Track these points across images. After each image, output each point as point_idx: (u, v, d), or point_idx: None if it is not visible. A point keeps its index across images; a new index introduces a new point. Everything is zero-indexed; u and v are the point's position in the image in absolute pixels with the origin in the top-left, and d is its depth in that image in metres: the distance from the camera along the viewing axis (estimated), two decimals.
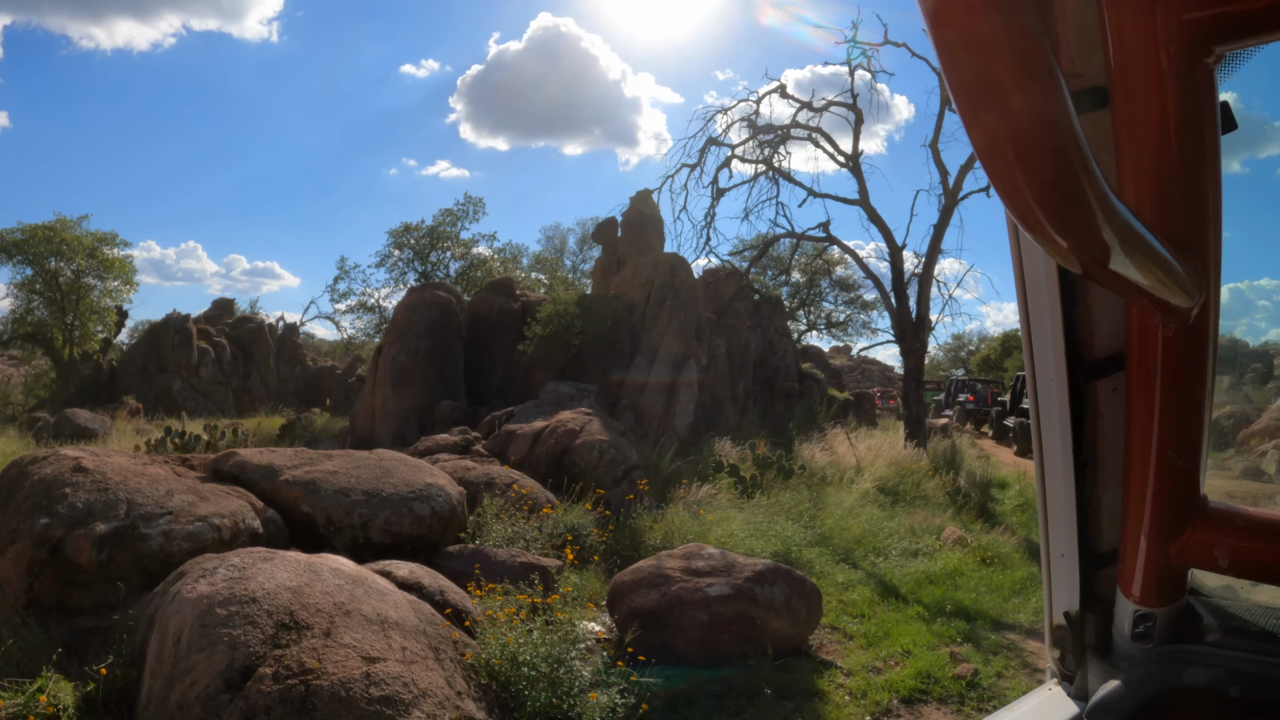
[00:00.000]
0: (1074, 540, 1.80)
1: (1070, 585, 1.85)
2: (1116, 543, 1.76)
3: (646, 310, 23.12)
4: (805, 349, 34.37)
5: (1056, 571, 1.87)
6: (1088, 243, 0.91)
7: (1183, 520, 1.63)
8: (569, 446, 13.85)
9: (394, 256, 42.68)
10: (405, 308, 25.02)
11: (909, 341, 21.79)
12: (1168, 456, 1.56)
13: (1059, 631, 1.90)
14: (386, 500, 8.85)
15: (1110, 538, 1.78)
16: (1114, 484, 1.73)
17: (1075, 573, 1.83)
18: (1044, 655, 6.39)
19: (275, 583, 6.00)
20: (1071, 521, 1.78)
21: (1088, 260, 0.93)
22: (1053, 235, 0.89)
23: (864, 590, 10.55)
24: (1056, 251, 0.91)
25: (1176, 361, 1.46)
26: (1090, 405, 1.68)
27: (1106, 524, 1.77)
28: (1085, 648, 1.86)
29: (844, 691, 7.73)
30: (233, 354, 41.58)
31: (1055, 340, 1.62)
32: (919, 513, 14.53)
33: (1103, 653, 1.84)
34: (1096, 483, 1.74)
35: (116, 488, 7.78)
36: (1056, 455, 1.76)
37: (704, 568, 8.18)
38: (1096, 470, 1.74)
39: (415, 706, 5.38)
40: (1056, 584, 1.88)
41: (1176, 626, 1.75)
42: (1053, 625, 1.92)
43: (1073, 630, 1.86)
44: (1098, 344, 1.62)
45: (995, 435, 31.46)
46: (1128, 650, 1.78)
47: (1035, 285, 1.61)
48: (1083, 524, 1.77)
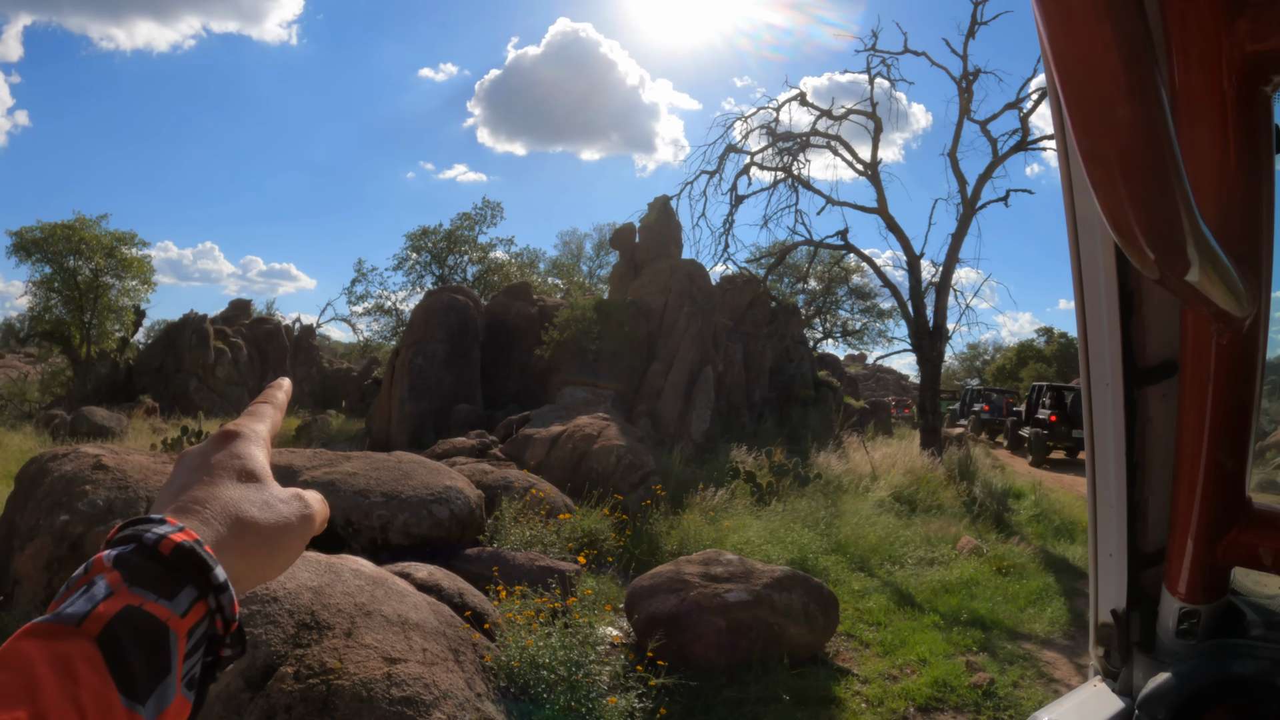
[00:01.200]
0: (1123, 541, 1.83)
1: (1118, 584, 1.88)
2: (1162, 543, 1.80)
3: (664, 316, 23.12)
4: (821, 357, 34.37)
5: (1104, 571, 1.90)
6: (1173, 256, 0.95)
7: (1229, 520, 1.66)
8: (586, 451, 13.85)
9: (411, 259, 42.84)
10: (422, 311, 25.08)
11: (925, 350, 21.72)
12: (1217, 459, 1.59)
13: (1104, 629, 1.92)
14: (405, 502, 8.86)
15: (1156, 538, 1.81)
16: (1161, 486, 1.76)
17: (1123, 572, 1.86)
18: (1059, 665, 6.36)
19: (296, 582, 6.01)
20: (1122, 522, 1.81)
21: (1169, 271, 0.97)
22: (1143, 246, 0.93)
23: (880, 598, 10.52)
24: (1142, 261, 0.95)
25: (1229, 368, 1.48)
26: (1141, 410, 1.71)
27: (1153, 525, 1.80)
28: (1130, 645, 1.89)
29: (860, 699, 7.71)
30: (249, 355, 41.70)
31: (1112, 348, 1.65)
32: (935, 522, 14.49)
33: (1147, 649, 1.87)
34: (1144, 485, 1.78)
35: (137, 485, 7.81)
36: (1109, 458, 1.78)
37: (722, 574, 8.16)
38: (1145, 473, 1.76)
39: (436, 708, 5.38)
40: (1104, 583, 1.91)
41: (1219, 623, 1.79)
42: (1098, 623, 1.95)
43: (1119, 627, 1.89)
44: (1150, 351, 1.65)
45: (1010, 445, 31.36)
46: (1172, 646, 1.82)
47: (1094, 295, 1.64)
48: (1130, 525, 1.80)
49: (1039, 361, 59.09)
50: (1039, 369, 56.88)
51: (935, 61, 25.11)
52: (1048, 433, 27.00)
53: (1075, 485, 21.63)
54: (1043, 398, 28.61)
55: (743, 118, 24.41)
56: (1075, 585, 11.89)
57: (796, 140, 22.94)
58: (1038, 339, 64.50)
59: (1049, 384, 29.60)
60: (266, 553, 0.75)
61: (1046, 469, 25.63)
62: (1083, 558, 13.31)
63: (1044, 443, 26.96)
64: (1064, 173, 1.53)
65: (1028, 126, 21.58)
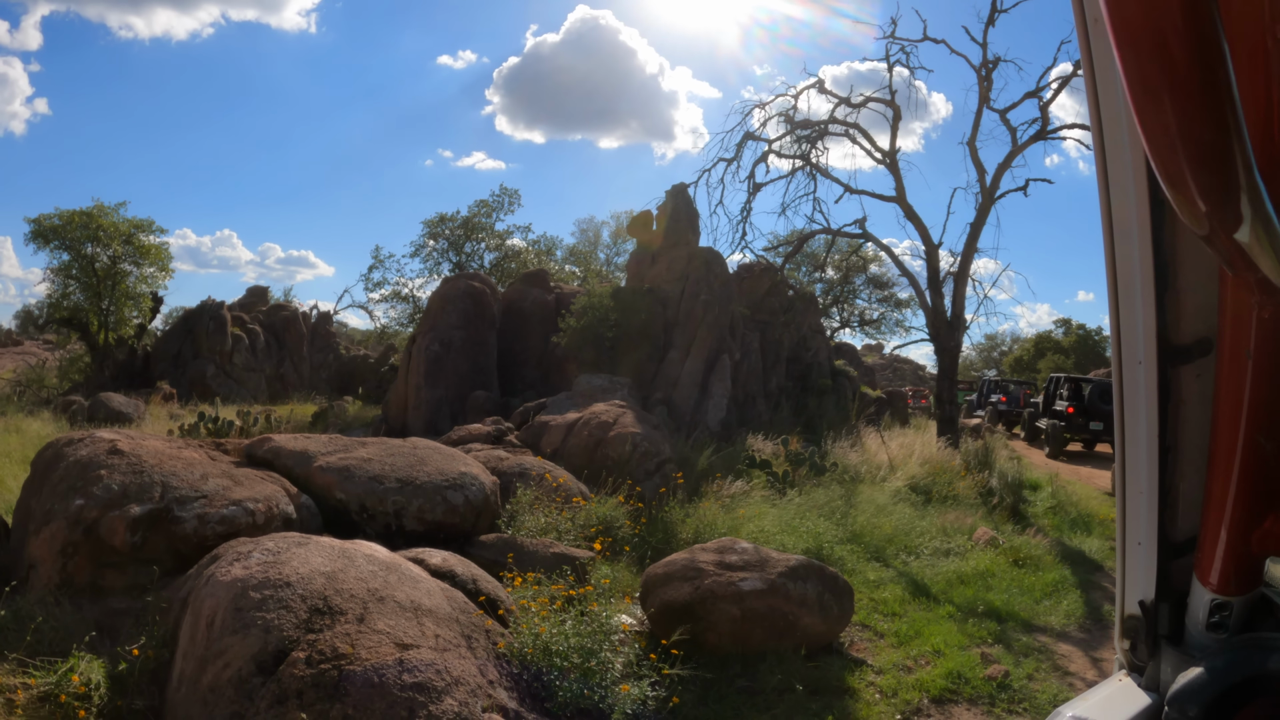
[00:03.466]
0: (1154, 529, 1.75)
1: (1146, 574, 1.80)
2: (1193, 531, 1.72)
3: (681, 304, 23.05)
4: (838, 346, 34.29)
5: (1132, 560, 1.83)
6: (1226, 210, 0.89)
7: (1265, 508, 1.58)
8: (602, 439, 13.82)
9: (429, 247, 42.84)
10: (439, 298, 25.08)
11: (943, 340, 21.61)
12: (1255, 441, 1.51)
13: (1131, 621, 1.85)
14: (420, 488, 8.84)
15: (1187, 526, 1.74)
16: (1193, 471, 1.69)
17: (1153, 562, 1.78)
18: (1075, 659, 6.29)
19: (309, 568, 5.99)
20: (1153, 509, 1.74)
21: (1219, 227, 0.91)
22: (1195, 197, 0.87)
23: (895, 589, 10.47)
24: (1192, 213, 0.89)
25: (1271, 344, 1.41)
26: (1174, 391, 1.63)
27: (1184, 512, 1.73)
28: (1159, 638, 1.82)
29: (874, 690, 7.67)
30: (266, 341, 41.82)
31: (1145, 324, 1.58)
32: (951, 512, 14.41)
33: (1176, 642, 1.80)
34: (1176, 470, 1.70)
35: (152, 470, 7.80)
36: (1139, 441, 1.71)
37: (737, 562, 8.12)
38: (1177, 457, 1.69)
39: (448, 694, 5.35)
40: (1131, 573, 1.83)
41: (1252, 616, 1.71)
42: (1125, 615, 1.87)
43: (1147, 620, 1.82)
44: (1185, 328, 1.58)
45: (1027, 437, 31.17)
46: (1203, 640, 1.75)
47: (1127, 268, 1.57)
48: (1160, 512, 1.72)
49: (1057, 353, 58.88)
50: (1057, 360, 56.66)
51: (955, 49, 24.94)
52: (1065, 424, 26.85)
53: (1092, 477, 21.53)
54: (1060, 389, 28.43)
55: (761, 105, 24.33)
56: (1091, 578, 11.83)
57: (815, 128, 22.80)
58: (1056, 330, 64.32)
59: (1067, 375, 29.40)
60: None
61: (1063, 461, 25.51)
62: (1099, 550, 13.24)
63: (1061, 434, 26.82)
64: (1096, 134, 1.46)
65: (1047, 116, 21.38)
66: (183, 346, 38.42)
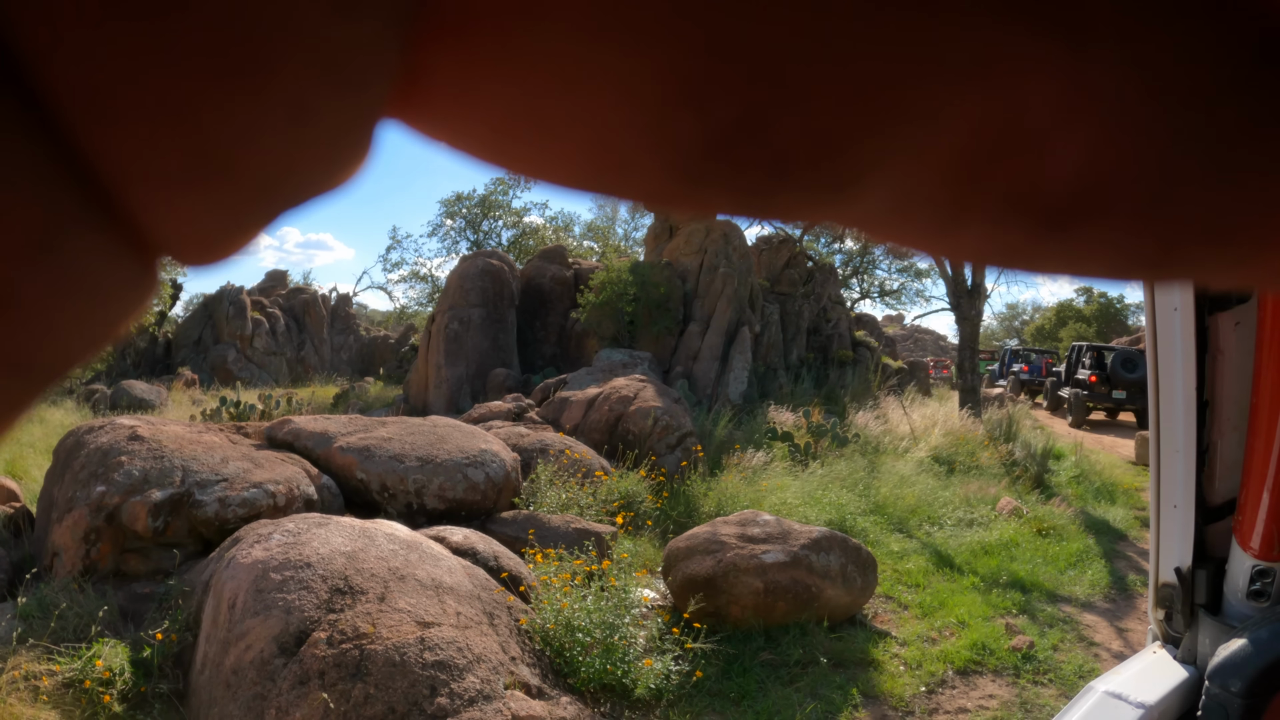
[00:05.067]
0: (1190, 491, 1.63)
1: (1183, 540, 1.68)
2: (1233, 493, 1.61)
3: (699, 277, 22.97)
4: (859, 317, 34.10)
5: (1167, 525, 1.70)
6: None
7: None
8: (622, 413, 13.77)
9: (446, 226, 42.85)
10: (457, 276, 25.04)
11: (964, 309, 21.48)
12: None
13: (1166, 590, 1.73)
14: (441, 466, 8.82)
15: (1225, 488, 1.62)
16: (1232, 430, 1.57)
17: (1190, 526, 1.66)
18: (1100, 629, 6.21)
19: (330, 548, 5.99)
20: (1189, 470, 1.62)
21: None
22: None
23: (919, 560, 10.42)
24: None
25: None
26: (1212, 340, 1.53)
27: (1223, 473, 1.62)
28: (1196, 607, 1.71)
29: (899, 661, 7.63)
30: (286, 325, 41.91)
31: None
32: (974, 483, 14.33)
33: (1214, 612, 1.69)
34: (1214, 427, 1.59)
35: (172, 455, 7.81)
36: (1175, 397, 1.58)
37: (759, 534, 8.08)
38: (1215, 413, 1.58)
39: (469, 671, 5.34)
40: (1166, 539, 1.71)
41: None
42: (1159, 584, 1.75)
43: (1183, 588, 1.69)
44: None
45: (1050, 406, 30.99)
46: (1243, 609, 1.63)
47: None
48: (1198, 473, 1.62)
49: (1078, 321, 58.46)
50: (1078, 329, 56.28)
51: None
52: (1088, 393, 26.71)
53: (1115, 446, 21.43)
54: (1082, 358, 28.26)
55: None
56: (1116, 547, 11.76)
57: None
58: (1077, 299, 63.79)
59: (1089, 344, 29.21)
60: None
61: (1086, 430, 25.39)
62: (1124, 520, 13.17)
63: (1084, 403, 26.69)
64: None
65: None
66: (203, 332, 38.55)
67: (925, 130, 0.19)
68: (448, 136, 0.22)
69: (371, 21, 0.18)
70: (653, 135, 0.20)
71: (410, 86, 0.21)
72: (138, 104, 0.17)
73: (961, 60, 0.18)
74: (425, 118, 0.21)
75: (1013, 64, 0.18)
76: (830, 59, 0.19)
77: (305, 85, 0.18)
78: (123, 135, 0.18)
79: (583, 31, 0.18)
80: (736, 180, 0.21)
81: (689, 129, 0.19)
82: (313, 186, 0.20)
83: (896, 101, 0.19)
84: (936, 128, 0.20)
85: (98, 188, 0.18)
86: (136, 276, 0.20)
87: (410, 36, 0.19)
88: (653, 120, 0.20)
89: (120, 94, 0.17)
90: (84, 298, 0.19)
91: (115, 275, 0.19)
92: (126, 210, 0.19)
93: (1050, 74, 0.19)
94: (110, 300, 0.20)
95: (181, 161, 0.18)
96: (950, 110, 0.19)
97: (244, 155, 0.18)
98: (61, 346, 0.19)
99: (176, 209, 0.19)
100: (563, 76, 0.19)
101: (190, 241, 0.20)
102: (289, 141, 0.19)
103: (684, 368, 21.33)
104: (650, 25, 0.18)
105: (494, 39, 0.19)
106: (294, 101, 0.18)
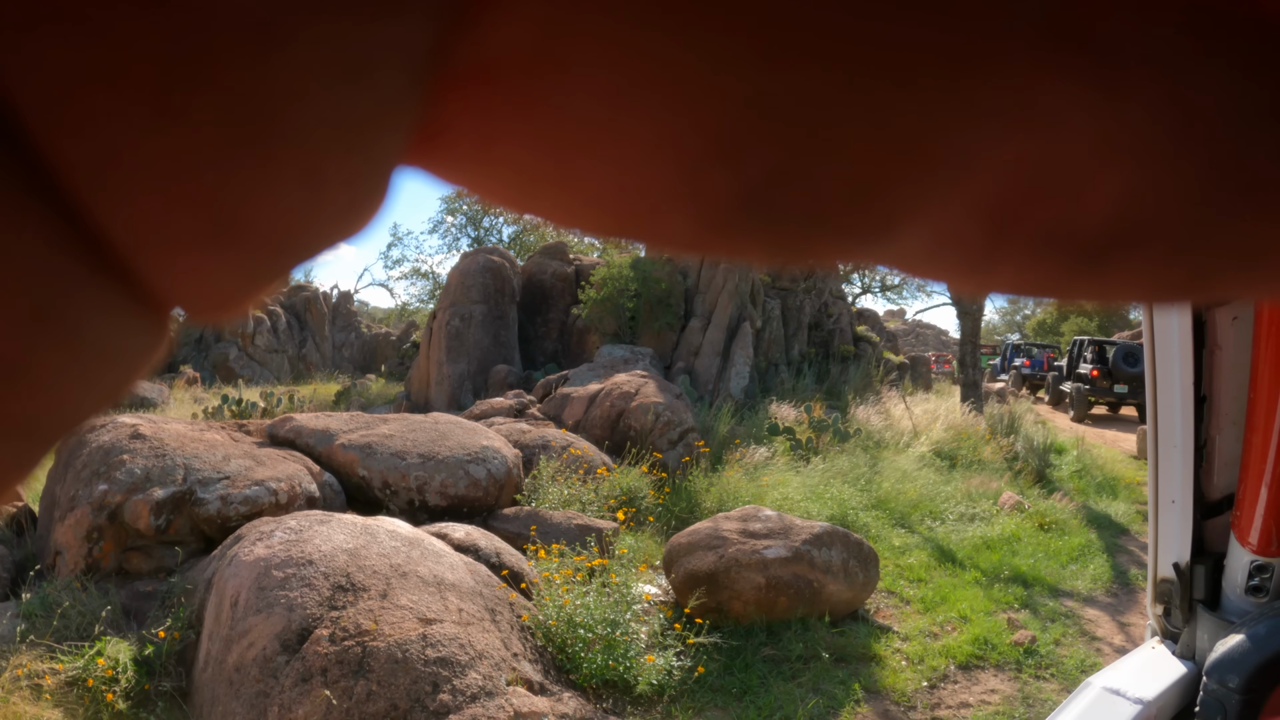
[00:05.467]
0: (1189, 486, 1.63)
1: (1181, 535, 1.68)
2: (1231, 488, 1.61)
3: (700, 273, 22.96)
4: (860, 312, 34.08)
5: (1165, 520, 1.70)
6: None
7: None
8: (624, 409, 13.78)
9: (446, 223, 42.90)
10: (458, 273, 25.01)
11: (965, 305, 21.47)
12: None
13: (1164, 585, 1.73)
14: (442, 463, 8.83)
15: (1223, 483, 1.62)
16: (1230, 425, 1.57)
17: (1188, 521, 1.66)
18: (1102, 623, 6.21)
19: (332, 545, 5.99)
20: (1187, 465, 1.62)
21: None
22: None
23: (921, 554, 10.42)
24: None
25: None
26: (1209, 335, 1.53)
27: (1221, 468, 1.62)
28: (1194, 602, 1.70)
29: (901, 656, 7.64)
30: (288, 322, 41.91)
31: None
32: (976, 477, 14.33)
33: (1213, 607, 1.68)
34: (1212, 422, 1.59)
35: (174, 453, 7.82)
36: (1173, 391, 1.58)
37: (761, 530, 8.08)
38: (1213, 408, 1.58)
39: (472, 668, 5.35)
40: (1164, 534, 1.71)
41: None
42: (1157, 579, 1.75)
43: (1181, 583, 1.69)
44: None
45: (1052, 401, 30.93)
46: (1242, 605, 1.63)
47: None
48: (1196, 468, 1.62)
49: (1080, 316, 58.39)
50: (1080, 323, 56.18)
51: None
52: (1089, 388, 26.69)
53: (1117, 441, 21.41)
54: (1084, 352, 28.22)
55: None
56: (1118, 541, 11.76)
57: None
58: None
59: (1091, 338, 29.16)
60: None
61: (1088, 424, 25.37)
62: (1126, 514, 13.16)
63: (1085, 398, 26.67)
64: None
65: None
66: (204, 331, 38.52)
67: (962, 176, 0.20)
68: (470, 184, 0.22)
69: (384, 85, 0.18)
70: (684, 188, 0.20)
71: (429, 138, 0.20)
72: (147, 172, 0.17)
73: (998, 108, 0.19)
74: (446, 167, 0.22)
75: (1048, 110, 0.19)
76: (867, 113, 0.19)
77: (317, 149, 0.18)
78: (131, 203, 0.17)
79: (608, 92, 0.18)
80: (770, 229, 0.21)
81: (722, 182, 0.20)
82: (326, 240, 0.20)
83: (934, 150, 0.19)
84: (973, 173, 0.20)
85: (106, 252, 0.18)
86: (147, 334, 0.20)
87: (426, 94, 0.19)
88: (684, 175, 0.20)
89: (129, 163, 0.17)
90: (94, 360, 0.19)
91: (125, 335, 0.20)
92: (136, 273, 0.19)
93: (1086, 117, 0.19)
94: (120, 359, 0.19)
95: (192, 227, 0.18)
96: (987, 155, 0.20)
97: (256, 219, 0.18)
98: (71, 409, 0.19)
99: (188, 271, 0.19)
100: (588, 133, 0.19)
101: (203, 300, 0.20)
102: (302, 203, 0.19)
103: (685, 363, 21.33)
104: (680, 85, 0.18)
105: (515, 97, 0.18)
106: (306, 165, 0.18)
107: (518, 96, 0.19)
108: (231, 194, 0.18)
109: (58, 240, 0.18)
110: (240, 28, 0.16)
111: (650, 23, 0.18)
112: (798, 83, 0.18)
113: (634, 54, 0.18)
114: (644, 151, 0.19)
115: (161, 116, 0.16)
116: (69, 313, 0.18)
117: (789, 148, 0.19)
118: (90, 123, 0.16)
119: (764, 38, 0.18)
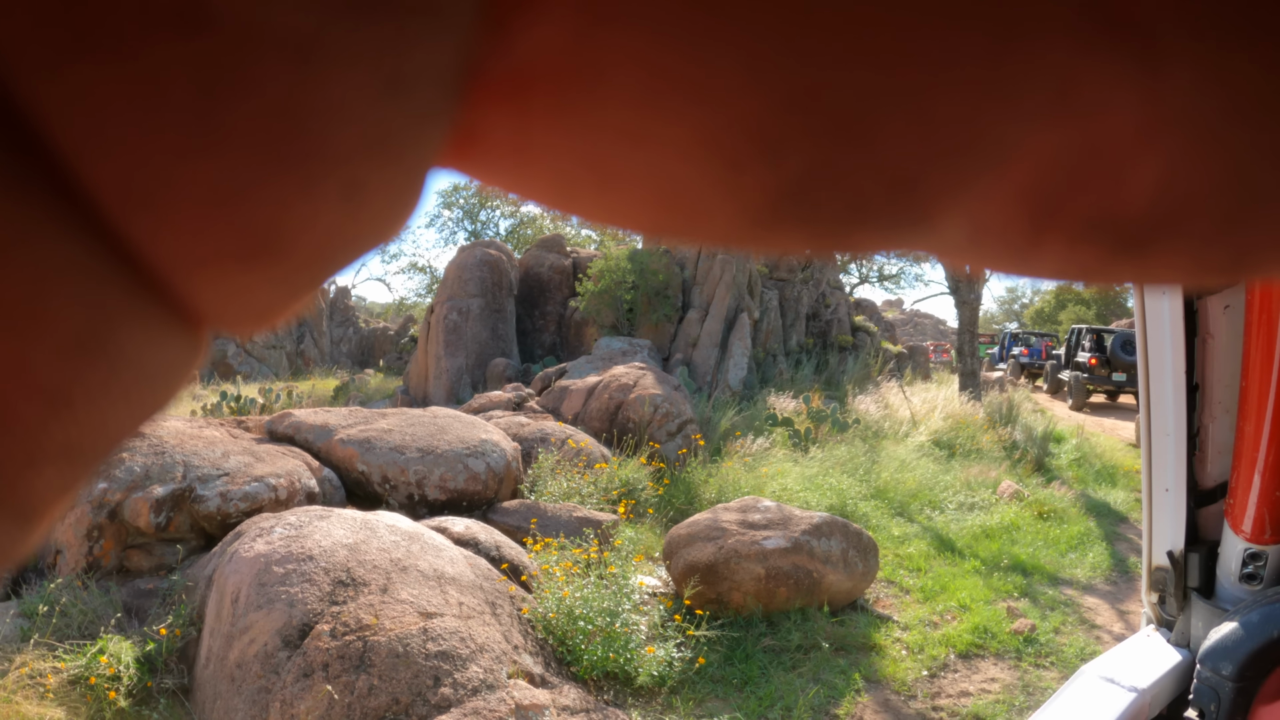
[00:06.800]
0: (1182, 474, 1.64)
1: (1175, 523, 1.68)
2: (1225, 476, 1.62)
3: (698, 264, 22.95)
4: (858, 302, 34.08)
5: (1159, 509, 1.71)
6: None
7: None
8: (622, 401, 13.77)
9: (444, 217, 42.79)
10: (456, 266, 24.99)
11: (963, 294, 21.46)
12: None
13: (1159, 574, 1.73)
14: (442, 457, 8.84)
15: (1217, 471, 1.63)
16: (1223, 412, 1.58)
17: (1182, 509, 1.67)
18: (1101, 611, 6.23)
19: (332, 540, 6.00)
20: (1181, 453, 1.62)
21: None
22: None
23: (920, 544, 10.44)
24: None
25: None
26: (1201, 324, 1.53)
27: (1213, 456, 1.62)
28: (1188, 590, 1.71)
29: (901, 646, 7.66)
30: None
31: None
32: (974, 466, 14.34)
33: (1207, 595, 1.69)
34: (1205, 410, 1.60)
35: (173, 451, 7.82)
36: (1165, 380, 1.58)
37: (760, 520, 8.09)
38: (1206, 396, 1.59)
39: (472, 661, 5.36)
40: (1159, 522, 1.72)
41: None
42: (1152, 567, 1.76)
43: (1175, 571, 1.70)
44: None
45: (1050, 389, 31.00)
46: (1236, 592, 1.64)
47: None
48: (1189, 457, 1.63)
49: (1078, 304, 58.38)
50: (1078, 312, 56.20)
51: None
52: (1087, 376, 26.73)
53: (1116, 429, 21.45)
54: (1082, 341, 28.25)
55: None
56: (1117, 530, 11.79)
57: None
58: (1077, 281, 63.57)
59: (1088, 327, 29.17)
60: None
61: (1087, 412, 25.42)
62: (1125, 502, 13.19)
63: (1084, 386, 26.71)
64: None
65: None
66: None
67: (1003, 164, 0.20)
68: (508, 186, 0.23)
69: (421, 96, 0.18)
70: (724, 186, 0.20)
71: (466, 143, 0.21)
72: (189, 196, 0.17)
73: (1039, 92, 0.19)
74: (483, 170, 0.22)
75: (1091, 91, 0.19)
76: (907, 103, 0.19)
77: (357, 162, 0.18)
78: (174, 226, 0.17)
79: (642, 95, 0.19)
80: (811, 222, 0.21)
81: (762, 179, 0.20)
82: (364, 247, 0.20)
83: (975, 137, 0.19)
84: (1015, 160, 0.20)
85: (145, 274, 0.18)
86: (185, 351, 0.21)
87: (462, 102, 0.19)
88: (724, 172, 0.20)
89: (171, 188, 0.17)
90: (134, 381, 0.19)
91: (164, 354, 0.20)
92: (176, 293, 0.19)
93: (1129, 97, 0.19)
94: (159, 378, 0.20)
95: (234, 245, 0.18)
96: (1028, 142, 0.20)
97: (297, 233, 0.18)
98: (112, 430, 0.19)
99: (228, 289, 0.19)
100: (625, 136, 0.19)
101: (242, 315, 0.21)
102: (341, 215, 0.19)
103: (683, 355, 21.33)
104: (716, 85, 0.19)
105: (550, 102, 0.19)
106: (346, 179, 0.18)
107: (552, 102, 0.19)
108: (273, 211, 0.18)
109: (99, 267, 0.18)
110: (280, 49, 0.16)
111: (682, 24, 0.18)
112: (837, 76, 0.18)
113: (667, 56, 0.18)
114: (681, 151, 0.20)
115: (204, 141, 0.16)
116: (111, 337, 0.18)
117: (829, 141, 0.19)
118: (132, 150, 0.16)
119: (801, 32, 0.18)
